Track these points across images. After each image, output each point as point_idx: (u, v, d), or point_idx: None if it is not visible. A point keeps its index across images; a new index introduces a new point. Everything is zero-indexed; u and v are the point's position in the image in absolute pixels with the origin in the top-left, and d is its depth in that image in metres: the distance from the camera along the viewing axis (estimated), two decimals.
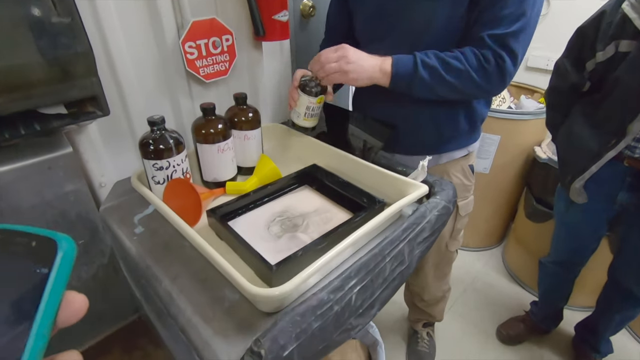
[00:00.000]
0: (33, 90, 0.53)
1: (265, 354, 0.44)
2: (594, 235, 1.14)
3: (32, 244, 0.20)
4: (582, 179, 0.97)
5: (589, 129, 0.95)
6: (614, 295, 1.16)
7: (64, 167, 0.68)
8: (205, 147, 0.76)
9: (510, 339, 1.44)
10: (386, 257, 0.60)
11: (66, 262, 0.20)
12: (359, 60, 0.76)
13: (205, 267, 0.61)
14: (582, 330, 1.35)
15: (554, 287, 1.34)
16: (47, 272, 0.19)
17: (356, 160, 0.81)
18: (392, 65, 0.76)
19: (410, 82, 0.76)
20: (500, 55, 0.73)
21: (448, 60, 0.74)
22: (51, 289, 0.19)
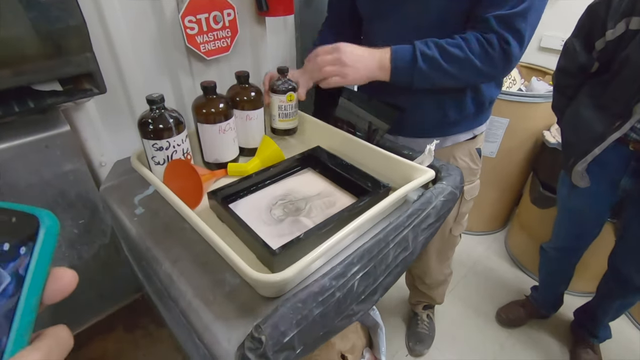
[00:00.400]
0: (25, 66, 0.51)
1: (266, 340, 0.43)
2: (596, 220, 1.13)
3: (12, 220, 0.20)
4: (584, 161, 0.96)
5: (595, 111, 0.93)
6: (614, 282, 1.16)
7: (61, 145, 0.67)
8: (206, 127, 0.74)
9: (509, 322, 1.45)
10: (390, 243, 0.58)
11: (49, 237, 0.20)
12: (356, 62, 0.73)
13: (206, 250, 0.60)
14: (581, 316, 1.35)
15: (554, 273, 1.34)
16: (31, 248, 0.19)
17: (361, 143, 0.79)
18: (391, 60, 0.73)
19: (410, 75, 0.74)
20: (505, 38, 0.70)
21: (448, 49, 0.71)
22: (36, 265, 0.19)
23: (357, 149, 0.79)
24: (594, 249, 1.21)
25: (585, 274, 1.42)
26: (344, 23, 0.96)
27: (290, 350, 0.46)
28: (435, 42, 0.72)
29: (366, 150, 0.77)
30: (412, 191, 0.66)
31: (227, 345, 0.47)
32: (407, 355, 1.37)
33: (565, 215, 1.18)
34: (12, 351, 0.18)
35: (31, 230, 0.20)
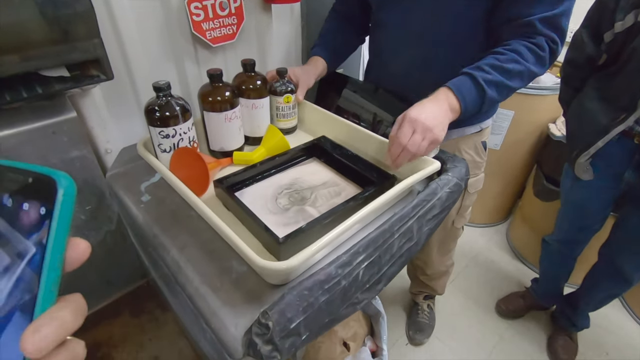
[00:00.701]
0: (33, 51, 0.51)
1: (273, 326, 0.44)
2: (599, 213, 1.12)
3: (29, 180, 0.20)
4: (587, 154, 0.96)
5: (600, 103, 0.93)
6: (603, 273, 1.17)
7: (68, 132, 0.67)
8: (212, 115, 0.74)
9: (509, 313, 1.47)
10: (395, 233, 0.59)
11: (68, 198, 0.20)
12: (435, 119, 0.66)
13: (212, 238, 0.60)
14: (563, 304, 1.37)
15: (555, 266, 1.35)
16: (50, 208, 0.19)
17: (366, 133, 0.78)
18: (460, 101, 0.68)
19: (480, 105, 0.71)
20: (553, 39, 0.68)
21: (508, 67, 0.68)
22: (58, 223, 0.19)
23: (363, 139, 0.79)
24: (594, 242, 1.21)
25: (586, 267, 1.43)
26: (353, 11, 0.94)
27: (296, 336, 0.47)
28: (490, 64, 0.68)
29: (371, 140, 0.77)
30: (417, 182, 0.66)
31: (234, 330, 0.47)
32: (407, 344, 1.39)
33: (568, 208, 1.18)
34: (42, 307, 0.19)
35: (49, 191, 0.20)
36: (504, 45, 0.70)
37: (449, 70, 0.73)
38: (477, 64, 0.70)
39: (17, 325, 0.19)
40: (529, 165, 1.69)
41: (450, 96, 0.68)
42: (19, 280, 0.20)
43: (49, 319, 0.19)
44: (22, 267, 0.20)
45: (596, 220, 1.14)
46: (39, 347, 0.18)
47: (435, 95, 0.69)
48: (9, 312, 0.20)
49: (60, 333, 0.19)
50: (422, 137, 0.64)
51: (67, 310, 0.20)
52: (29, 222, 0.20)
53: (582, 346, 1.36)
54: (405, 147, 0.63)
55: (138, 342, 0.84)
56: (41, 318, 0.19)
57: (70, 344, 0.20)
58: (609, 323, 1.47)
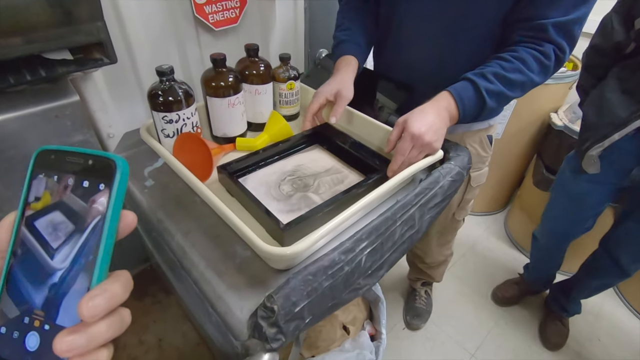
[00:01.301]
0: (36, 34, 0.50)
1: (278, 310, 0.45)
2: (593, 209, 1.12)
3: (89, 162, 0.23)
4: (600, 146, 0.93)
5: (621, 95, 0.89)
6: (601, 264, 1.17)
7: (71, 116, 0.66)
8: (215, 100, 0.73)
9: (505, 300, 1.49)
10: (397, 221, 0.60)
11: (124, 177, 0.23)
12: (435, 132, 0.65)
13: (216, 223, 0.61)
14: (557, 291, 1.39)
15: (545, 260, 1.37)
16: (109, 185, 0.23)
17: (369, 120, 0.78)
18: (459, 110, 0.68)
19: (477, 115, 0.71)
20: (562, 47, 0.67)
21: (510, 77, 0.67)
22: (115, 199, 0.23)
23: (365, 126, 0.79)
24: (594, 232, 1.21)
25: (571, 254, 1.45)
26: None
27: (300, 320, 0.48)
28: (494, 72, 0.68)
29: (374, 128, 0.77)
30: (420, 170, 0.67)
31: (239, 314, 0.48)
32: (404, 328, 1.42)
33: (562, 201, 1.17)
34: (98, 278, 0.22)
35: (108, 171, 0.23)
36: (511, 52, 0.69)
37: (467, 65, 0.71)
38: (482, 71, 0.69)
39: (78, 290, 0.23)
40: (529, 154, 1.70)
41: (452, 104, 0.68)
42: (83, 247, 0.23)
43: (102, 290, 0.22)
44: (86, 236, 0.23)
45: (589, 215, 1.14)
46: (92, 313, 0.21)
47: (438, 101, 0.68)
48: (72, 276, 0.23)
49: (111, 303, 0.22)
50: (419, 151, 0.65)
51: (118, 283, 0.23)
52: (89, 197, 0.23)
53: (575, 332, 1.40)
54: (402, 158, 0.65)
55: (142, 324, 0.86)
56: (95, 289, 0.22)
57: (119, 311, 0.23)
58: (601, 310, 1.50)
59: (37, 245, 0.23)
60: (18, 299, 0.23)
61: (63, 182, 0.24)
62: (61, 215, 0.23)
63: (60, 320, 0.22)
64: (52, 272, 0.23)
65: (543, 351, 1.35)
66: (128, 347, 0.82)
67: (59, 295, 0.23)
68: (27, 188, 0.24)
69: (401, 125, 0.66)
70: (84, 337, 0.21)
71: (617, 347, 1.38)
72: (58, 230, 0.23)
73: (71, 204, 0.23)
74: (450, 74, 0.72)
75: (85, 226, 0.23)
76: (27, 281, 0.23)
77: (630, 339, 1.41)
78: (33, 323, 0.23)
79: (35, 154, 0.25)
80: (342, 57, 0.83)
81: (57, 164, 0.24)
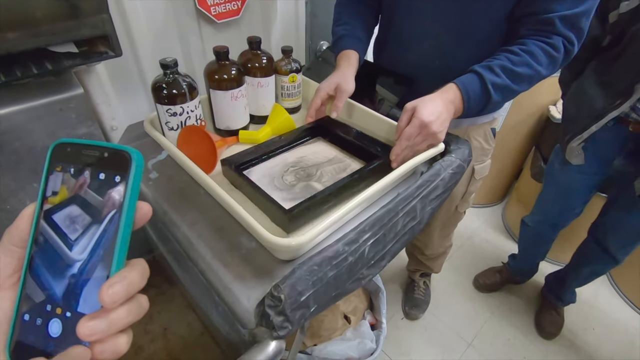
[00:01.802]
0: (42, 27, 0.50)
1: (285, 299, 0.46)
2: (581, 198, 1.15)
3: (105, 155, 0.24)
4: (580, 138, 0.97)
5: (598, 88, 0.92)
6: (590, 251, 1.21)
7: (75, 108, 0.67)
8: (218, 93, 0.74)
9: (486, 287, 1.53)
10: (399, 212, 0.61)
11: (139, 169, 0.24)
12: (442, 122, 0.66)
13: (221, 215, 0.62)
14: (552, 281, 1.43)
15: (533, 246, 1.40)
16: (125, 177, 0.23)
17: (371, 113, 0.79)
18: (464, 103, 0.69)
19: (483, 106, 0.71)
20: (570, 39, 0.67)
21: (518, 71, 0.67)
22: (130, 190, 0.23)
23: (367, 119, 0.80)
24: (577, 220, 1.24)
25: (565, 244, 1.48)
26: None
27: (306, 309, 0.49)
28: (502, 66, 0.67)
29: (375, 121, 0.78)
30: (421, 163, 0.68)
31: (246, 303, 0.50)
32: (402, 318, 1.45)
33: (552, 190, 1.20)
34: (116, 267, 0.23)
35: (123, 163, 0.23)
36: (520, 44, 0.69)
37: (471, 63, 0.71)
38: (489, 64, 0.69)
39: (97, 279, 0.23)
40: (528, 147, 1.71)
41: (458, 97, 0.68)
42: (101, 238, 0.23)
43: (120, 278, 0.23)
44: (104, 227, 0.23)
45: (577, 204, 1.17)
46: (113, 300, 0.22)
47: (446, 93, 0.68)
48: (92, 266, 0.23)
49: (130, 290, 0.23)
50: (423, 139, 0.66)
51: (135, 272, 0.24)
52: (106, 189, 0.24)
53: (570, 321, 1.43)
54: (407, 143, 0.65)
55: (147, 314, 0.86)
56: (115, 277, 0.23)
57: (137, 297, 0.24)
58: (595, 300, 1.53)
59: (55, 238, 0.24)
60: (40, 287, 0.24)
61: (79, 176, 0.24)
62: (78, 208, 0.24)
63: (81, 308, 0.23)
64: (71, 263, 0.24)
65: (538, 340, 1.38)
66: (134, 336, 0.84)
67: (79, 285, 0.23)
68: (44, 181, 0.25)
69: (410, 111, 0.66)
70: (105, 322, 0.22)
71: (611, 337, 1.41)
72: (76, 223, 0.24)
73: (88, 197, 0.24)
74: (454, 71, 0.72)
75: (102, 218, 0.23)
76: (47, 271, 0.24)
77: (624, 328, 1.44)
78: (55, 310, 0.24)
79: (52, 147, 0.25)
80: (342, 52, 0.83)
81: (74, 156, 0.25)
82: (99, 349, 0.22)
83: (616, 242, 1.11)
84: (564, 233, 1.32)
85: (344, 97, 0.77)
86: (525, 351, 1.35)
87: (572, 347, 1.37)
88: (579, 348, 1.36)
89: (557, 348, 1.36)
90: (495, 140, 0.98)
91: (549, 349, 1.36)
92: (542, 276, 1.49)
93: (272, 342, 0.47)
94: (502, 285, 1.54)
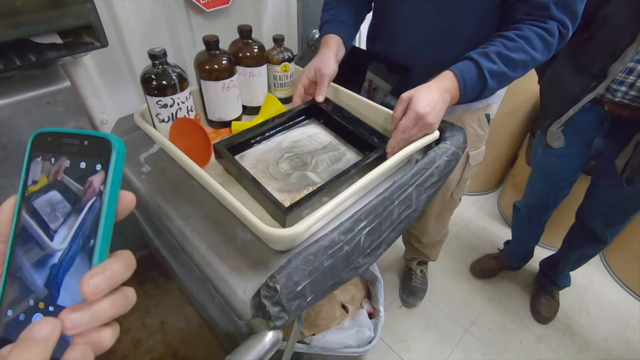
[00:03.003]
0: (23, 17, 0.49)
1: (281, 289, 0.46)
2: (567, 179, 1.16)
3: (85, 142, 0.23)
4: (559, 122, 0.98)
5: (572, 72, 0.93)
6: (579, 235, 1.23)
7: (63, 102, 0.65)
8: (209, 84, 0.72)
9: (482, 273, 1.55)
10: (395, 201, 0.60)
11: (120, 156, 0.23)
12: (437, 113, 0.65)
13: (215, 207, 0.61)
14: (545, 266, 1.45)
15: (525, 229, 1.41)
16: (105, 166, 0.23)
17: (365, 102, 0.78)
18: (460, 89, 0.68)
19: (479, 93, 0.70)
20: (565, 23, 0.67)
21: (514, 57, 0.67)
22: (112, 179, 0.23)
23: (361, 108, 0.79)
24: (567, 204, 1.26)
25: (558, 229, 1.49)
26: None
27: (302, 298, 0.49)
28: (498, 52, 0.67)
29: (370, 109, 0.77)
30: (416, 151, 0.67)
31: (242, 294, 0.50)
32: (400, 306, 1.46)
33: (538, 174, 1.22)
34: (99, 258, 0.22)
35: (104, 150, 0.23)
36: (515, 30, 0.68)
37: (468, 45, 0.71)
38: (485, 50, 0.68)
39: (78, 269, 0.23)
40: (523, 133, 1.71)
41: (454, 85, 0.68)
42: (80, 227, 0.23)
43: (103, 269, 0.22)
44: (83, 216, 0.23)
45: (564, 186, 1.18)
46: (94, 291, 0.21)
47: (442, 81, 0.67)
48: (72, 256, 0.23)
49: (112, 281, 0.22)
50: (419, 130, 0.65)
51: (119, 262, 0.23)
52: (87, 177, 0.23)
53: (565, 304, 1.45)
54: (403, 135, 0.65)
55: (144, 308, 0.87)
56: (97, 268, 0.22)
57: (123, 289, 0.23)
58: (590, 283, 1.55)
59: (36, 228, 0.24)
60: (22, 281, 0.24)
61: (60, 164, 0.24)
62: (59, 196, 0.24)
63: (62, 301, 0.23)
64: (52, 253, 0.23)
65: (534, 324, 1.40)
66: (131, 330, 0.84)
67: (60, 276, 0.23)
68: (25, 171, 0.24)
69: (405, 102, 0.66)
70: (87, 314, 0.21)
71: (605, 319, 1.43)
72: (56, 211, 0.23)
73: (69, 185, 0.23)
74: (447, 58, 0.71)
75: (82, 207, 0.23)
76: (30, 264, 0.24)
77: (618, 310, 1.46)
78: (38, 305, 0.23)
79: (32, 137, 0.24)
80: (323, 37, 0.82)
81: (54, 146, 0.24)
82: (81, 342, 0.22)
83: (602, 224, 1.12)
84: (557, 218, 1.33)
85: (326, 80, 0.76)
86: (521, 335, 1.37)
87: (568, 330, 1.39)
88: (574, 331, 1.39)
89: (553, 331, 1.38)
90: (490, 127, 0.98)
91: (545, 332, 1.38)
92: (537, 262, 1.50)
93: (268, 333, 0.47)
94: (498, 272, 1.55)
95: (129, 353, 0.81)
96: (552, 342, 1.35)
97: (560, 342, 1.35)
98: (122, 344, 0.81)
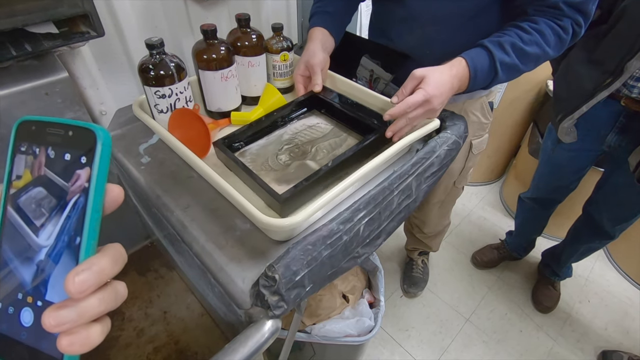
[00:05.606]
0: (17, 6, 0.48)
1: (279, 278, 0.46)
2: (575, 174, 1.15)
3: (69, 133, 0.22)
4: (571, 118, 0.95)
5: (587, 66, 0.90)
6: (585, 228, 1.22)
7: (61, 93, 0.65)
8: (208, 74, 0.72)
9: (483, 264, 1.55)
10: (394, 190, 0.60)
11: (106, 148, 0.22)
12: (443, 99, 0.64)
13: (214, 197, 0.61)
14: (547, 257, 1.45)
15: (529, 221, 1.41)
16: (90, 158, 0.22)
17: (365, 91, 0.77)
18: (470, 78, 0.66)
19: (488, 83, 0.69)
20: (578, 22, 0.66)
21: (527, 50, 0.65)
22: (98, 171, 0.22)
23: (362, 97, 0.78)
24: (573, 195, 1.25)
25: (562, 220, 1.49)
26: None
27: (301, 288, 0.49)
28: (512, 43, 0.65)
29: (370, 98, 0.76)
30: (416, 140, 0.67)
31: (242, 284, 0.50)
32: (401, 296, 1.47)
33: (547, 169, 1.20)
34: (87, 245, 0.22)
35: (90, 142, 0.22)
36: (530, 22, 0.67)
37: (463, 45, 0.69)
38: (499, 39, 0.66)
39: (65, 266, 0.22)
40: (525, 123, 1.70)
41: (465, 75, 0.66)
42: (66, 223, 0.22)
43: (88, 265, 0.21)
44: (68, 212, 0.22)
45: (572, 180, 1.17)
46: (80, 289, 0.20)
47: (455, 67, 0.66)
48: (58, 253, 0.22)
49: (100, 278, 0.21)
50: (422, 112, 0.64)
51: (106, 258, 0.22)
52: (71, 171, 0.22)
53: (566, 294, 1.45)
54: (407, 116, 0.63)
55: (147, 298, 0.88)
56: (82, 264, 0.21)
57: (112, 284, 0.23)
58: (591, 273, 1.56)
59: (22, 223, 0.23)
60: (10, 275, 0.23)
61: (44, 156, 0.23)
62: (44, 191, 0.23)
63: (50, 297, 0.22)
64: (38, 249, 0.23)
65: (535, 314, 1.41)
66: (134, 320, 0.85)
67: (47, 272, 0.22)
68: (10, 163, 0.24)
69: (417, 80, 0.64)
70: (74, 311, 0.20)
71: (605, 308, 1.44)
72: (42, 207, 0.23)
73: (53, 179, 0.23)
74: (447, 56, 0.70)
75: (67, 202, 0.22)
76: (17, 259, 0.23)
77: (618, 299, 1.47)
78: (26, 299, 0.23)
79: (16, 125, 0.24)
80: (309, 31, 0.82)
81: (38, 135, 0.23)
82: (67, 341, 0.21)
83: (610, 219, 1.11)
84: (560, 209, 1.32)
85: (317, 69, 0.76)
86: (521, 324, 1.38)
87: (568, 319, 1.39)
88: (574, 320, 1.39)
89: (553, 320, 1.39)
90: (493, 117, 0.97)
91: (545, 322, 1.38)
92: (539, 252, 1.50)
93: (267, 322, 0.47)
94: (499, 262, 1.55)
95: (131, 342, 0.82)
96: (551, 331, 1.36)
97: (560, 331, 1.36)
98: (124, 332, 0.82)
